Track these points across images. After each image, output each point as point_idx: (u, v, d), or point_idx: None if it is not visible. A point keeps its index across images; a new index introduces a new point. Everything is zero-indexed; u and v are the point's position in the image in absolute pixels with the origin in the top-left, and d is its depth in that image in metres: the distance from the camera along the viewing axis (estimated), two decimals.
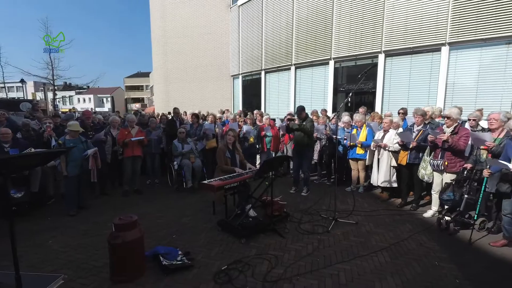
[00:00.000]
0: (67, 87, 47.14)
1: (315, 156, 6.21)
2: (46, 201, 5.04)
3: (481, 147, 3.59)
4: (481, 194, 3.43)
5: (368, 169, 5.48)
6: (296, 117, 5.27)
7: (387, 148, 4.72)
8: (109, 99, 50.10)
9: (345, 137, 5.42)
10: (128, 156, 5.40)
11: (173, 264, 2.93)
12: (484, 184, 3.37)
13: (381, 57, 8.94)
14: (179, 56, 14.64)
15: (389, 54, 8.86)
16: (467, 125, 4.53)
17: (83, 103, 50.63)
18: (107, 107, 47.54)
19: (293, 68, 11.07)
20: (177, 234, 3.74)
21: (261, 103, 12.36)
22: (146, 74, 43.23)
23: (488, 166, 3.27)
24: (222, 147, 4.28)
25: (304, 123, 5.11)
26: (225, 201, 3.97)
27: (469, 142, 3.89)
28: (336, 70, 10.08)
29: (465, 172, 3.60)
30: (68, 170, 4.38)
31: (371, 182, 5.25)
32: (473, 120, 4.30)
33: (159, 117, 8.42)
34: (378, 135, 5.05)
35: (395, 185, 4.88)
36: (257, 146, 6.78)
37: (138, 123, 7.16)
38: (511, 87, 7.22)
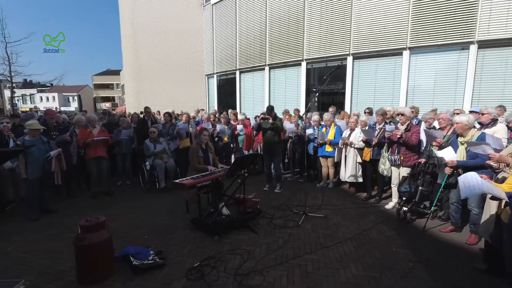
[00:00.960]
0: (27, 84, 43.61)
1: (289, 154, 6.44)
2: (5, 205, 4.72)
3: (433, 143, 3.96)
4: (441, 187, 3.74)
5: (337, 165, 5.77)
6: (267, 115, 5.40)
7: (353, 145, 5.02)
8: (76, 97, 47.18)
9: (315, 135, 5.67)
10: (91, 157, 5.17)
11: (144, 263, 2.92)
12: (445, 178, 3.64)
13: (350, 59, 9.41)
14: (151, 54, 14.21)
15: (356, 56, 9.36)
16: (423, 125, 4.97)
17: (47, 102, 47.12)
18: (73, 106, 44.77)
19: (267, 68, 11.26)
20: (149, 234, 3.71)
21: (236, 102, 12.42)
22: (117, 72, 41.34)
23: (467, 149, 3.33)
24: (195, 146, 4.30)
25: (275, 122, 5.28)
26: (198, 199, 4.00)
27: (423, 139, 4.28)
28: (308, 71, 10.42)
29: (419, 166, 3.96)
30: (28, 172, 4.14)
31: (340, 177, 5.54)
32: (430, 119, 4.68)
33: (131, 117, 8.18)
34: (345, 133, 5.36)
35: (360, 180, 5.21)
36: (232, 146, 6.86)
37: (108, 123, 6.92)
38: (462, 89, 7.97)
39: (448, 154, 3.41)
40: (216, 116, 7.99)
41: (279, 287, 2.61)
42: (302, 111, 9.28)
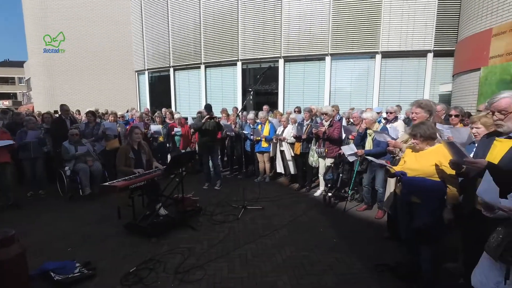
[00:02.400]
0: None
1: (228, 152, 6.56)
2: None
3: (350, 136, 4.63)
4: (354, 174, 4.42)
5: (272, 160, 6.16)
6: (205, 113, 5.38)
7: (285, 141, 5.46)
8: None
9: (251, 133, 5.92)
10: None
11: (69, 277, 2.62)
12: (356, 166, 4.32)
13: (281, 62, 10.07)
14: (66, 43, 12.38)
15: (287, 59, 10.08)
16: (344, 121, 5.78)
17: None
18: None
19: (203, 67, 11.13)
20: (75, 246, 3.32)
21: (171, 101, 11.91)
22: (19, 64, 34.51)
23: (373, 139, 4.03)
24: (125, 147, 3.99)
25: (211, 120, 5.30)
26: (132, 203, 3.76)
27: (343, 133, 4.96)
28: (243, 71, 10.73)
29: (340, 157, 4.59)
30: None
31: (278, 171, 5.94)
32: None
33: (41, 116, 7.02)
34: (279, 130, 5.77)
35: (294, 172, 5.69)
36: (168, 145, 6.59)
37: (13, 122, 5.83)
38: (371, 91, 9.42)
39: (348, 149, 4.06)
40: (149, 115, 7.55)
41: (220, 278, 2.69)
42: (239, 112, 9.54)
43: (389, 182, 3.58)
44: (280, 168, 5.76)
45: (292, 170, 5.66)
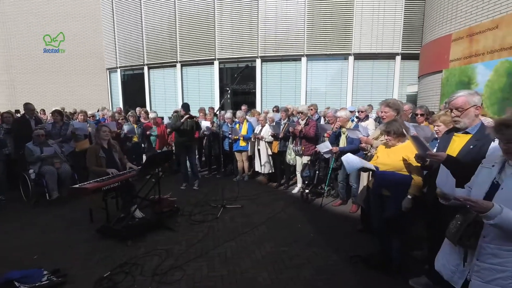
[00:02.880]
0: None
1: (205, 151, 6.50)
2: None
3: (325, 134, 4.79)
4: (329, 170, 4.58)
5: (251, 159, 6.20)
6: (182, 113, 5.28)
7: (263, 139, 5.52)
8: None
9: (229, 132, 5.92)
10: None
11: (37, 286, 2.46)
12: (332, 163, 4.49)
13: (258, 61, 10.14)
14: (27, 38, 11.52)
15: (264, 59, 10.18)
16: (322, 120, 5.95)
17: None
18: None
19: (178, 65, 10.90)
20: (42, 254, 3.11)
21: (146, 100, 11.53)
22: None
23: (347, 137, 4.19)
24: (94, 147, 3.81)
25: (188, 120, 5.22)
26: (105, 206, 3.61)
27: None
28: (221, 70, 10.66)
29: (316, 154, 4.73)
30: None
31: (255, 169, 5.99)
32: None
33: (1, 116, 6.47)
34: (257, 129, 5.82)
35: (272, 170, 5.77)
36: (143, 146, 6.39)
37: None
38: (345, 91, 9.79)
39: (324, 147, 4.22)
40: (122, 114, 7.26)
41: (200, 277, 2.68)
42: (217, 111, 9.48)
43: (362, 177, 3.77)
44: (258, 167, 5.81)
45: (269, 169, 5.73)
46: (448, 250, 1.73)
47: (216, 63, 10.48)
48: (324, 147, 4.20)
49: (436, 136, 2.77)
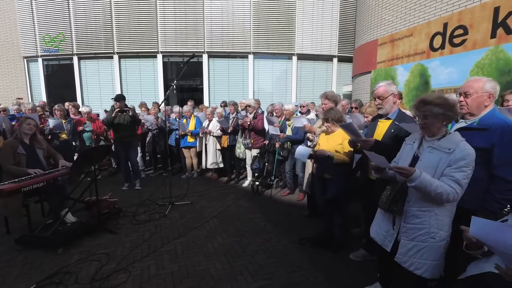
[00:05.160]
0: None
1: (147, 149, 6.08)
2: None
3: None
4: (275, 162, 4.77)
5: (200, 155, 6.03)
6: (117, 106, 4.80)
7: (212, 134, 5.43)
8: None
9: (176, 127, 5.65)
10: None
11: None
12: (276, 153, 4.70)
13: (205, 57, 9.94)
14: None
15: (211, 55, 10.01)
16: (265, 113, 6.12)
17: None
18: None
19: (116, 57, 9.96)
20: None
21: (77, 94, 10.23)
22: None
23: (292, 128, 4.44)
24: (11, 141, 3.20)
25: (124, 113, 4.80)
26: (27, 212, 3.09)
27: (266, 125, 5.26)
28: (165, 64, 10.12)
29: (265, 147, 4.86)
30: None
31: (203, 166, 5.84)
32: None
33: None
34: (205, 123, 5.70)
35: (221, 165, 5.72)
36: (74, 144, 5.64)
37: None
38: (290, 88, 10.29)
39: (273, 130, 4.45)
40: (46, 109, 6.30)
41: (147, 276, 2.49)
42: (162, 105, 8.95)
43: (307, 166, 4.00)
44: (208, 163, 5.69)
45: (220, 163, 5.67)
46: (380, 218, 1.97)
47: (160, 56, 9.90)
48: (273, 130, 4.35)
49: (367, 124, 3.13)
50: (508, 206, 2.20)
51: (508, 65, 4.20)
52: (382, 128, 2.40)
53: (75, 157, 5.69)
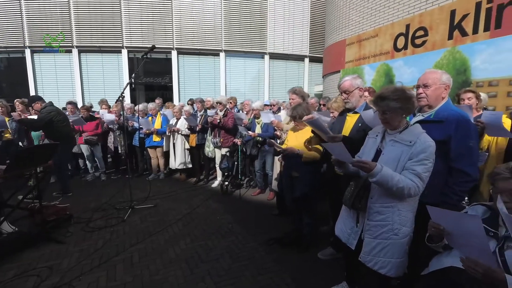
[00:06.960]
0: None
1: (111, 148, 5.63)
2: None
3: (242, 124, 4.81)
4: (239, 160, 4.61)
5: (167, 155, 5.71)
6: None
7: (180, 132, 5.15)
8: None
9: (140, 125, 5.30)
10: None
11: None
12: (239, 151, 4.52)
13: (174, 53, 9.54)
14: None
15: (181, 52, 9.64)
16: (235, 110, 5.96)
17: None
18: None
19: (75, 51, 9.22)
20: None
21: (29, 90, 9.31)
22: None
23: (261, 126, 4.31)
24: None
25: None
26: None
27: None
28: (130, 60, 9.56)
29: (235, 146, 4.69)
30: None
31: (170, 166, 5.53)
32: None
33: None
34: (172, 121, 5.40)
35: (190, 165, 5.45)
36: (21, 144, 5.06)
37: None
38: (262, 86, 10.22)
39: (266, 118, 4.17)
40: None
41: None
42: (128, 102, 8.41)
43: (276, 165, 3.91)
44: (175, 163, 5.38)
45: (188, 164, 5.40)
46: (345, 215, 1.89)
47: (125, 51, 9.32)
48: (267, 118, 4.15)
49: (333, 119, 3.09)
50: (466, 198, 2.24)
51: (463, 65, 4.44)
52: (350, 122, 2.35)
53: None
